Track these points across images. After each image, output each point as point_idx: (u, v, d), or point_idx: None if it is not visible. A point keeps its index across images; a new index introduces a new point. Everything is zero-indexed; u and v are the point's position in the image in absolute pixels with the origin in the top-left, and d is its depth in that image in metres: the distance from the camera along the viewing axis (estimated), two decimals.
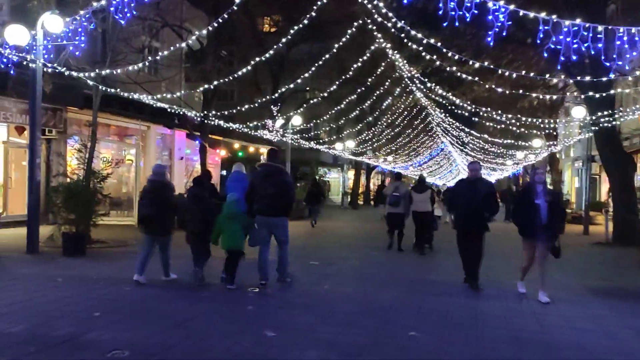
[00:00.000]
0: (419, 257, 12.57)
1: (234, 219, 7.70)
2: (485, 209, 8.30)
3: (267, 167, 8.14)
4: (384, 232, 14.21)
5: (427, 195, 13.26)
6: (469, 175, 8.71)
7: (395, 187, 13.19)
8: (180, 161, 24.43)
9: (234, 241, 7.71)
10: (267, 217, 7.87)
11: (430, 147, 42.42)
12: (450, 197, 9.06)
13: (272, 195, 7.78)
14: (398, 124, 30.19)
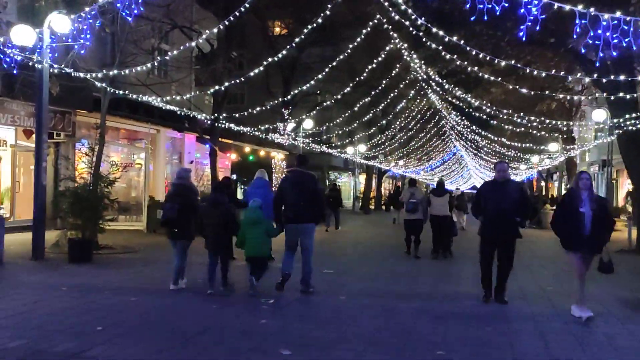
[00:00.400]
0: (437, 264, 12.17)
1: (257, 225, 7.63)
2: (517, 214, 7.58)
3: (297, 173, 8.04)
4: (399, 238, 13.85)
5: (445, 199, 13.10)
6: (495, 177, 7.92)
7: (411, 194, 13.00)
8: (190, 165, 24.14)
9: (257, 248, 7.64)
10: (296, 224, 7.79)
11: (442, 151, 41.90)
12: (476, 201, 8.04)
13: (302, 203, 7.71)
14: (411, 128, 29.73)
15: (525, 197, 8.14)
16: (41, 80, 10.63)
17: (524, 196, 8.06)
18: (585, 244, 6.74)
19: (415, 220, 12.77)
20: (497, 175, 7.88)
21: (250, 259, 7.72)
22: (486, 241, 7.80)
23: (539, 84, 24.38)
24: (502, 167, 8.00)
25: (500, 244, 7.67)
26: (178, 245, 8.03)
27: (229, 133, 20.90)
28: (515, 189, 7.78)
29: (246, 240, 7.64)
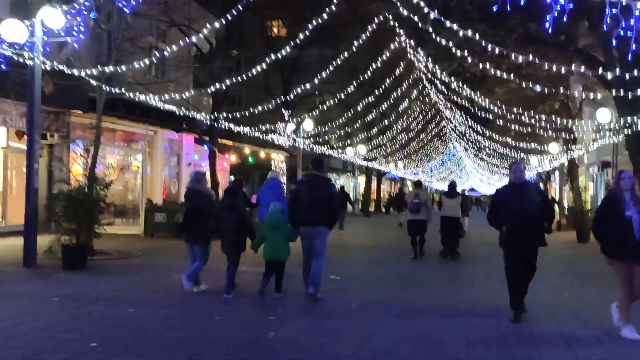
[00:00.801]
0: (446, 267, 11.80)
1: (278, 229, 7.62)
2: (542, 218, 6.87)
3: (313, 177, 7.96)
4: (403, 241, 13.93)
5: (458, 200, 13.29)
6: (512, 179, 7.10)
7: (416, 194, 13.12)
8: (188, 167, 23.66)
9: (277, 252, 7.63)
10: (311, 226, 7.70)
11: (442, 152, 41.52)
12: (493, 210, 7.18)
13: (317, 206, 7.64)
14: (412, 129, 29.32)
15: (547, 199, 7.39)
16: (33, 78, 10.14)
17: (546, 198, 7.31)
18: (634, 252, 5.99)
19: (418, 220, 12.83)
20: (514, 177, 7.08)
21: (270, 263, 7.68)
22: (513, 252, 6.88)
23: (541, 85, 24.03)
24: (518, 167, 7.19)
25: (525, 250, 6.88)
26: (195, 249, 8.03)
27: (228, 134, 20.44)
28: (535, 191, 7.06)
29: (266, 244, 7.62)
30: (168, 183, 22.85)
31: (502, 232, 6.92)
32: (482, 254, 14.66)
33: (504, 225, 6.87)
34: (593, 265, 12.64)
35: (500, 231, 6.94)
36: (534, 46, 19.88)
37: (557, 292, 9.02)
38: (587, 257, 14.40)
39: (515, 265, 6.91)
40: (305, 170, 22.69)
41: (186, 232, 8.04)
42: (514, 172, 7.12)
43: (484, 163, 42.40)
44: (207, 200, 8.11)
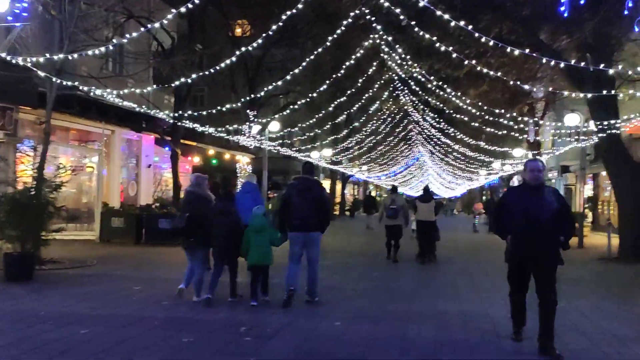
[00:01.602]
0: (425, 274, 11.28)
1: (262, 233, 7.43)
2: (559, 230, 5.57)
3: (304, 181, 7.78)
4: (373, 244, 14.32)
5: (431, 205, 13.46)
6: (527, 179, 5.74)
7: (392, 200, 13.47)
8: (147, 169, 22.53)
9: (261, 256, 7.42)
10: (303, 232, 7.54)
11: (407, 156, 41.37)
12: (499, 215, 6.00)
13: (308, 211, 7.48)
14: (380, 132, 28.90)
15: (568, 207, 6.08)
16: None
17: (567, 206, 5.96)
18: None
19: (395, 226, 13.21)
20: (530, 177, 5.69)
21: (253, 268, 7.46)
22: (518, 266, 5.78)
23: (509, 89, 23.99)
24: (537, 165, 5.75)
25: (537, 270, 5.63)
26: (197, 255, 7.76)
27: (190, 135, 19.45)
28: (553, 197, 5.67)
29: (250, 248, 7.41)
30: (126, 185, 21.68)
31: (508, 244, 5.75)
32: (457, 258, 14.24)
33: (510, 234, 5.66)
34: (577, 271, 12.33)
35: (506, 242, 5.78)
36: (504, 48, 19.75)
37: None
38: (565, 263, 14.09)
39: (519, 281, 5.80)
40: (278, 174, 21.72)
41: (188, 238, 7.75)
42: (531, 171, 5.69)
43: (449, 167, 42.45)
44: (209, 205, 7.82)
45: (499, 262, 13.36)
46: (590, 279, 11.49)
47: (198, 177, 8.14)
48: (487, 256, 14.81)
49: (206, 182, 8.19)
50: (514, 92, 23.75)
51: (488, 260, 13.97)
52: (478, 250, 16.95)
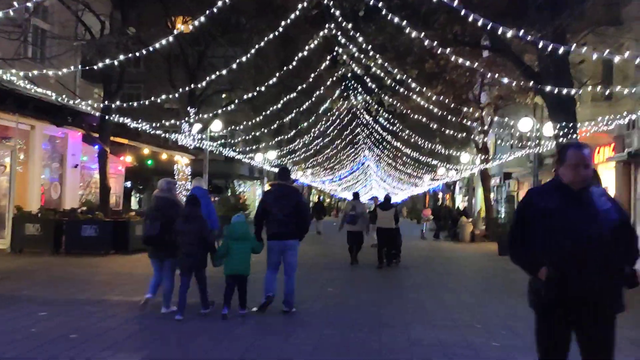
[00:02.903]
0: (388, 287, 10.17)
1: (243, 241, 7.17)
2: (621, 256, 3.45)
3: (280, 187, 7.68)
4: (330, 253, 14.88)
5: (391, 212, 13.78)
6: (568, 179, 3.49)
7: (352, 206, 13.93)
8: (74, 170, 20.42)
9: (241, 266, 7.14)
10: (281, 240, 7.46)
11: (354, 160, 40.65)
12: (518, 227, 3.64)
13: (286, 217, 7.37)
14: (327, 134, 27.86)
15: (629, 218, 3.94)
16: None
17: (628, 218, 3.90)
18: None
19: (355, 232, 13.82)
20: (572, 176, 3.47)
21: (232, 277, 7.15)
22: (552, 315, 3.50)
23: (459, 93, 23.55)
24: (583, 154, 3.48)
25: (584, 321, 3.42)
26: (165, 265, 7.33)
27: (123, 132, 17.63)
28: (609, 203, 3.52)
29: (229, 257, 7.11)
30: (48, 188, 19.53)
31: (537, 278, 3.48)
32: (412, 271, 13.30)
33: (542, 263, 3.43)
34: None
35: (534, 276, 3.53)
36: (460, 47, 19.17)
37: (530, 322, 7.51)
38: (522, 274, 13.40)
39: (558, 349, 3.50)
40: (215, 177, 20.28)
41: (158, 246, 7.26)
42: (574, 167, 3.45)
43: (395, 172, 42.03)
44: (180, 212, 7.42)
45: (456, 273, 12.52)
46: None
47: (168, 182, 7.74)
48: (444, 267, 14.04)
49: (176, 187, 7.94)
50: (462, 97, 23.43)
51: (445, 271, 13.18)
52: (432, 259, 16.13)
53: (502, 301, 9.05)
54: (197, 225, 7.13)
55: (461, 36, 17.38)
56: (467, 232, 25.30)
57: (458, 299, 9.17)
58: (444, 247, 21.41)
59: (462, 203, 44.74)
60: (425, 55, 18.21)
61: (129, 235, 14.21)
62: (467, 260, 16.50)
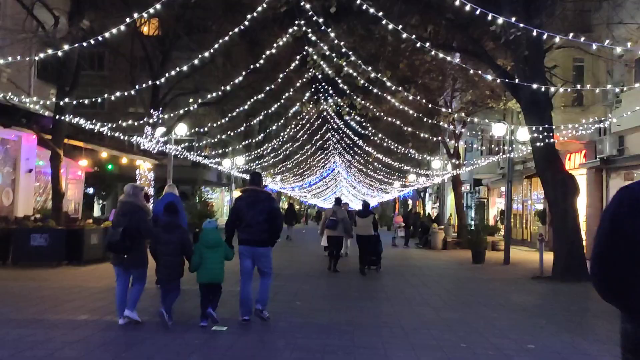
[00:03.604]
0: (366, 301, 9.46)
1: (216, 249, 7.03)
2: None
3: (253, 193, 7.53)
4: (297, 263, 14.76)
5: (370, 219, 14.01)
6: None
7: (333, 212, 14.05)
8: (28, 175, 19.24)
9: (215, 274, 7.01)
10: (253, 247, 7.29)
11: (324, 166, 40.06)
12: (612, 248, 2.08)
13: (259, 224, 7.22)
14: (297, 139, 27.16)
15: None
16: None
17: None
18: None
19: (335, 236, 13.91)
20: None
21: (206, 286, 6.98)
22: None
23: (433, 97, 23.19)
24: None
25: None
26: (134, 273, 7.11)
27: (82, 135, 16.59)
28: None
29: (203, 265, 6.95)
30: (0, 193, 18.32)
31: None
32: (386, 281, 12.68)
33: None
34: (519, 295, 11.11)
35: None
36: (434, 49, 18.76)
37: (516, 340, 6.93)
38: (501, 284, 12.93)
39: None
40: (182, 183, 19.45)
41: (122, 254, 6.96)
42: None
43: (366, 178, 41.56)
44: (146, 217, 7.31)
45: (433, 285, 11.88)
46: (539, 305, 10.28)
47: (135, 188, 7.53)
48: (419, 278, 13.45)
49: (142, 192, 7.69)
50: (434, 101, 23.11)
51: (421, 282, 12.58)
52: (406, 269, 15.56)
53: (483, 316, 8.48)
54: (177, 234, 7.02)
55: (434, 38, 16.99)
56: (439, 239, 24.89)
57: (437, 314, 8.55)
58: (416, 256, 20.90)
59: (432, 210, 44.60)
60: (397, 58, 17.77)
61: (84, 245, 13.23)
62: (442, 270, 15.98)
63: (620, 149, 18.99)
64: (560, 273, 13.62)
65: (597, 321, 8.53)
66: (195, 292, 7.19)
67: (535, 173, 26.65)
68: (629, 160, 18.45)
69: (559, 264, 13.86)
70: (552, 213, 14.68)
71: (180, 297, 7.16)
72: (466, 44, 16.11)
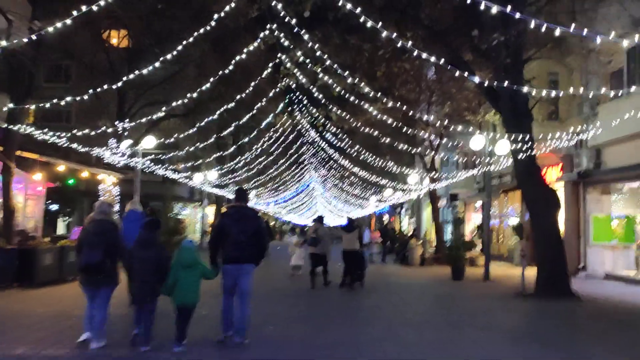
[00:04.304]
0: (357, 325, 8.71)
1: (192, 268, 6.78)
2: None
3: (239, 209, 7.36)
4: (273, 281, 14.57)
5: (355, 234, 14.26)
6: None
7: (315, 229, 14.34)
8: None
9: (190, 295, 6.75)
10: (239, 264, 7.11)
11: (300, 181, 39.36)
12: None
13: (245, 242, 7.08)
14: (271, 152, 26.43)
15: None
16: None
17: None
18: None
19: (317, 254, 14.04)
20: None
21: (182, 308, 6.72)
22: None
23: (409, 109, 22.74)
24: None
25: None
26: (101, 293, 6.77)
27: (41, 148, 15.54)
28: None
29: (178, 286, 6.67)
30: None
31: None
32: (366, 302, 11.97)
33: None
34: (504, 314, 10.50)
35: None
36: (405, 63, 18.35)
37: None
38: (483, 301, 12.32)
39: None
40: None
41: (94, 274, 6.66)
42: None
43: (342, 193, 40.99)
44: (120, 235, 7.07)
45: (413, 303, 11.20)
46: (528, 324, 9.69)
47: (108, 205, 7.32)
48: (399, 296, 12.88)
49: (111, 209, 7.47)
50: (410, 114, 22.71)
51: (401, 301, 11.96)
52: (385, 287, 14.92)
53: (468, 335, 7.86)
54: (153, 252, 6.74)
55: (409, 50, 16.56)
56: (417, 255, 24.33)
57: (421, 335, 7.87)
58: (394, 272, 20.26)
59: (409, 225, 44.14)
60: (374, 67, 17.29)
61: (36, 266, 12.19)
62: (422, 287, 15.37)
63: (597, 163, 18.73)
64: (543, 289, 13.09)
65: (592, 341, 7.94)
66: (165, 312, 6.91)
67: (511, 187, 26.50)
68: (607, 174, 18.22)
69: (542, 280, 13.33)
70: (534, 228, 14.18)
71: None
72: (444, 53, 15.69)
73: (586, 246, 19.31)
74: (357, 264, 14.05)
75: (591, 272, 18.60)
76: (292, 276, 16.20)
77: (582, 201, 19.93)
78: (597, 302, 12.39)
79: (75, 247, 7.34)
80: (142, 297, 6.72)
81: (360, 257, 14.27)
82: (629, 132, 15.52)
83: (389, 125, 19.49)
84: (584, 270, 18.86)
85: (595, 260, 18.84)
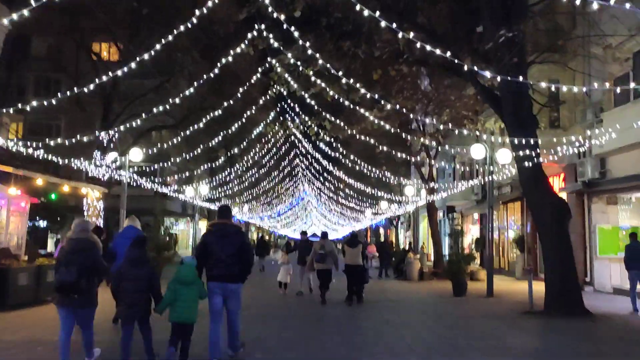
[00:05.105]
0: (334, 331, 7.87)
1: (191, 286, 6.56)
2: None
3: (223, 226, 7.25)
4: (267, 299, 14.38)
5: (359, 249, 14.36)
6: None
7: (321, 245, 14.13)
8: None
9: (189, 313, 6.52)
10: (224, 283, 6.96)
11: (293, 194, 38.59)
12: None
13: (229, 259, 6.97)
14: (263, 164, 25.65)
15: None
16: None
17: None
18: None
19: (324, 270, 13.98)
20: None
21: (179, 326, 6.52)
22: None
23: (405, 118, 22.09)
24: None
25: None
26: (80, 314, 6.50)
27: (15, 159, 14.76)
28: None
29: (176, 303, 6.50)
30: None
31: None
32: (362, 320, 11.11)
33: None
34: (514, 334, 9.68)
35: None
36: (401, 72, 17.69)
37: None
38: (490, 320, 11.48)
39: None
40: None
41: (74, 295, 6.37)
42: None
43: (337, 206, 40.18)
44: (100, 254, 6.88)
45: (415, 324, 10.31)
46: (542, 347, 8.85)
47: (87, 223, 7.08)
48: (399, 315, 11.99)
49: (92, 227, 7.23)
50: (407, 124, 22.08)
51: (402, 322, 11.08)
52: (384, 305, 14.09)
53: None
54: (145, 270, 6.66)
55: (409, 53, 15.92)
56: (415, 269, 23.47)
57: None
58: (393, 288, 19.38)
59: (406, 239, 43.31)
60: (369, 73, 16.58)
61: (9, 286, 11.33)
62: (423, 304, 14.54)
63: (602, 172, 18.00)
64: (553, 307, 12.27)
65: None
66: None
67: (510, 199, 25.82)
68: (613, 184, 17.48)
69: (552, 296, 12.51)
70: (541, 239, 13.39)
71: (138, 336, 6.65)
72: (444, 59, 15.03)
73: (592, 259, 18.55)
74: (360, 278, 14.13)
75: (598, 286, 17.82)
76: (284, 294, 15.53)
77: (587, 212, 19.19)
78: (612, 320, 11.59)
79: (54, 266, 6.95)
80: (132, 317, 6.59)
81: (362, 271, 14.33)
82: (635, 140, 14.84)
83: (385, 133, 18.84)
84: (590, 284, 18.08)
85: (602, 273, 18.07)
